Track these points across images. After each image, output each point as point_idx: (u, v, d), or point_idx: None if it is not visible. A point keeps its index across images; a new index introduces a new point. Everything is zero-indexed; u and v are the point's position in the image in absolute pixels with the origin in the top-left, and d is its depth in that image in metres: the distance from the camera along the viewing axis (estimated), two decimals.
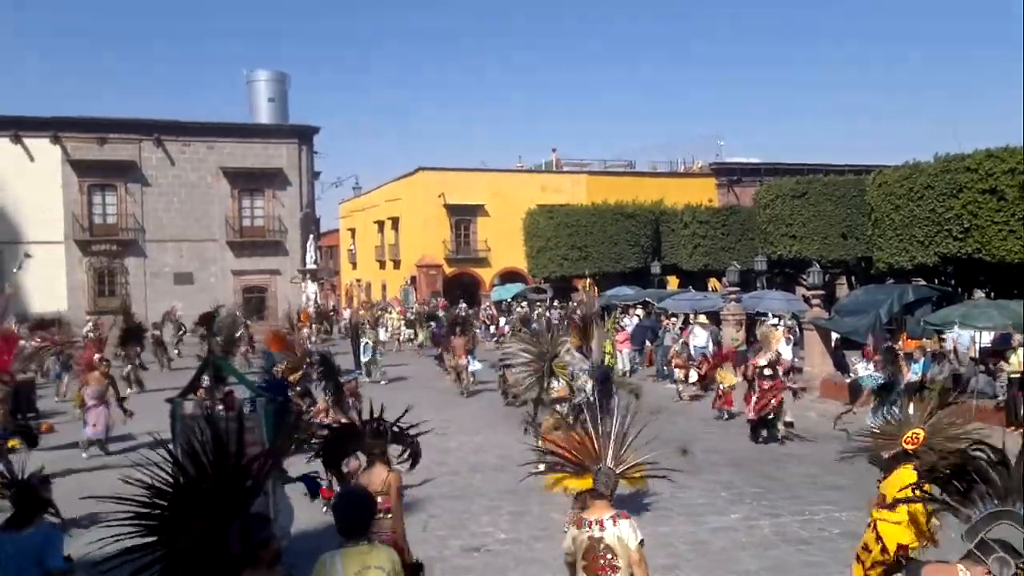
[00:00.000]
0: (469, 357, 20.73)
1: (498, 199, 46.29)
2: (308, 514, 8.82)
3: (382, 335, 29.18)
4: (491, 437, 15.00)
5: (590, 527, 4.97)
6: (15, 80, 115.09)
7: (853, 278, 34.11)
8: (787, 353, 20.57)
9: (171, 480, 4.01)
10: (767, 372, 14.35)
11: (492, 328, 34.11)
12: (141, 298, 36.91)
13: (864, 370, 16.00)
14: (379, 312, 33.91)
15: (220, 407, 6.68)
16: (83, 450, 13.86)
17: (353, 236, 60.10)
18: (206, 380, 7.44)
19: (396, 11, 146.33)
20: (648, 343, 25.03)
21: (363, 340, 23.03)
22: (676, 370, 19.59)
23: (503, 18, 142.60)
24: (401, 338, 33.64)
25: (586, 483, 5.54)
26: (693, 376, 18.78)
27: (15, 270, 19.11)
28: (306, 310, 32.29)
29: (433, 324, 28.54)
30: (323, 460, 7.16)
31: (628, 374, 22.43)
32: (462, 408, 18.44)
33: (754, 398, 14.35)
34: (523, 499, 10.76)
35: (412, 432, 6.88)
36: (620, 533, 4.90)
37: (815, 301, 21.20)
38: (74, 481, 11.40)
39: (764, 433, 14.31)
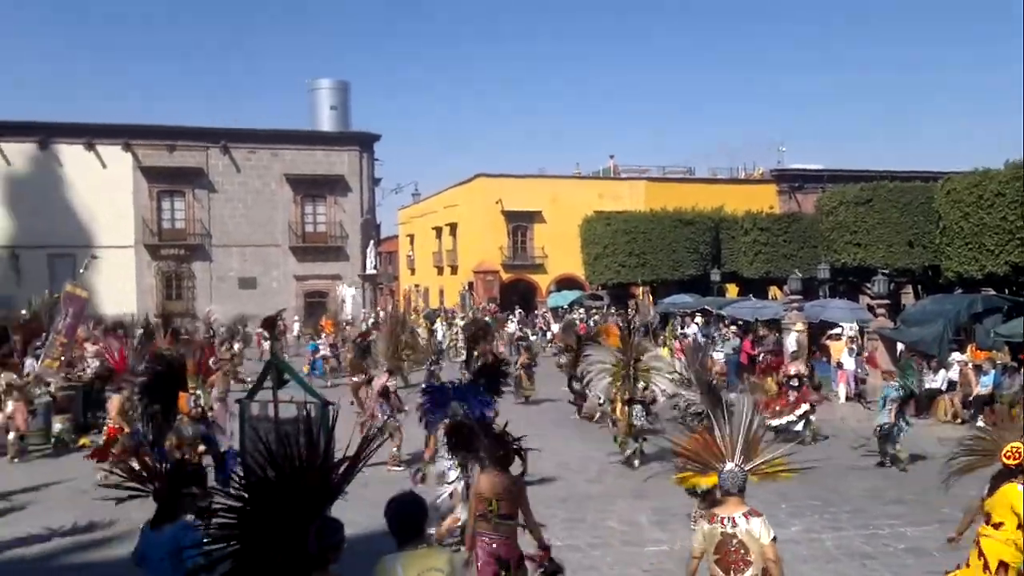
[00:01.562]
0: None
1: (555, 205, 46.28)
2: (367, 517, 8.95)
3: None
4: (546, 444, 14.96)
5: (722, 523, 5.15)
6: (89, 90, 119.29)
7: (920, 287, 33.29)
8: (850, 363, 20.23)
9: (250, 481, 4.14)
10: (794, 383, 14.55)
11: (548, 334, 34.12)
12: (207, 302, 37.86)
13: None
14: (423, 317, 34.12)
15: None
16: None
17: (412, 242, 60.69)
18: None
19: (455, 18, 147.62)
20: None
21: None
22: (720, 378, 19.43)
23: (561, 24, 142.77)
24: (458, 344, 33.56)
25: (711, 480, 5.65)
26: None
27: (81, 270, 19.89)
28: (329, 319, 32.01)
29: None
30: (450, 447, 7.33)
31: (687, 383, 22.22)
32: (518, 415, 18.45)
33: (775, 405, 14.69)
34: (578, 506, 10.76)
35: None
36: (752, 529, 5.09)
37: (880, 311, 20.77)
38: None
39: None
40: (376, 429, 11.20)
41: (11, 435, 14.19)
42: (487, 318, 32.75)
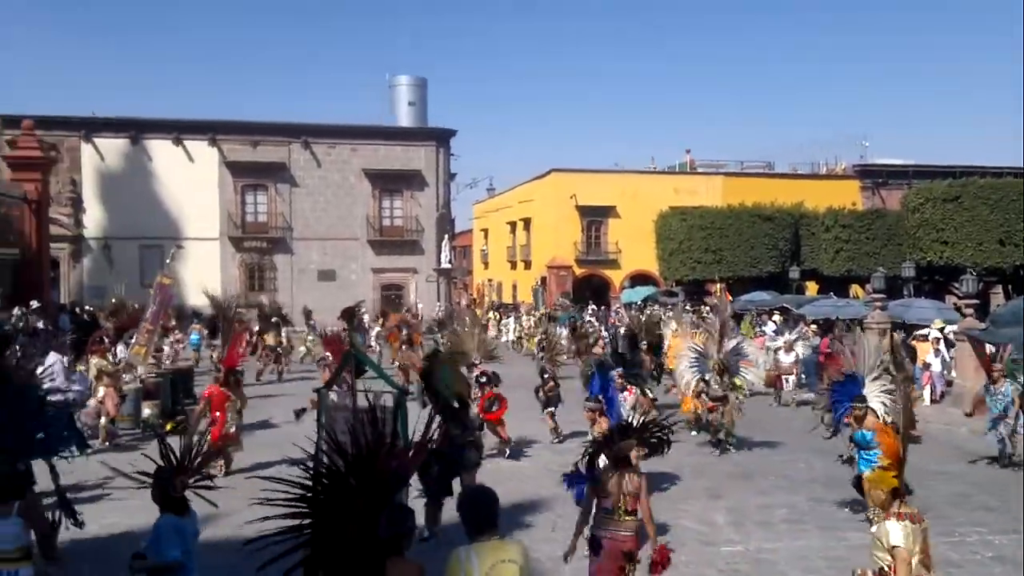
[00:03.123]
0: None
1: (630, 201, 45.97)
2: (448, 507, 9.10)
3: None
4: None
5: (919, 521, 5.21)
6: (178, 87, 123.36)
7: (1011, 287, 32.02)
8: (936, 365, 19.59)
9: (324, 467, 4.27)
10: None
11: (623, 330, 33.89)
12: (288, 293, 38.84)
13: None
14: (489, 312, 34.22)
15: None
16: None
17: (486, 236, 61.08)
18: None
19: (530, 14, 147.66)
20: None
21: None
22: (789, 377, 19.19)
23: (636, 20, 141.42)
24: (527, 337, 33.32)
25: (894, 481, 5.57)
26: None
27: (168, 260, 20.56)
28: (404, 314, 32.44)
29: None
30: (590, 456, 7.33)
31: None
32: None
33: None
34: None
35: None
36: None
37: (968, 310, 20.02)
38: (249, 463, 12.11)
39: None
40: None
41: (102, 420, 14.74)
42: (559, 313, 32.79)
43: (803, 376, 20.04)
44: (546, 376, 15.20)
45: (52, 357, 13.25)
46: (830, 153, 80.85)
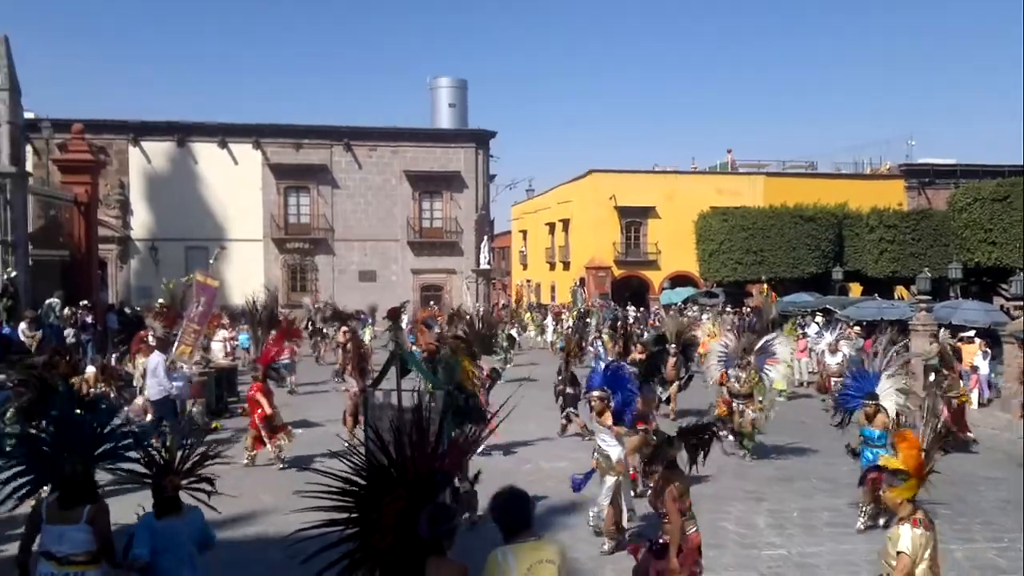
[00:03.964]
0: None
1: (670, 201, 45.73)
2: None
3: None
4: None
5: (931, 528, 5.21)
6: (222, 91, 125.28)
7: None
8: (984, 368, 19.22)
9: (368, 466, 4.34)
10: None
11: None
12: (328, 294, 39.27)
13: None
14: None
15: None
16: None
17: (524, 237, 61.16)
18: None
19: (569, 16, 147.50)
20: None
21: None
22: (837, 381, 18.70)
23: (676, 20, 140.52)
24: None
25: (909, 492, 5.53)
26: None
27: (211, 260, 20.94)
28: (430, 308, 32.73)
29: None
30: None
31: (805, 384, 21.68)
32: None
33: None
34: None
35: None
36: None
37: (1016, 312, 19.61)
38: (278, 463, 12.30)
39: None
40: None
41: (148, 417, 15.09)
42: (594, 311, 32.68)
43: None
44: (560, 376, 15.13)
45: (156, 357, 13.60)
46: (874, 152, 79.68)
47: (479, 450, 10.12)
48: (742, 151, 58.25)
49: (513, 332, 29.05)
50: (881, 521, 9.14)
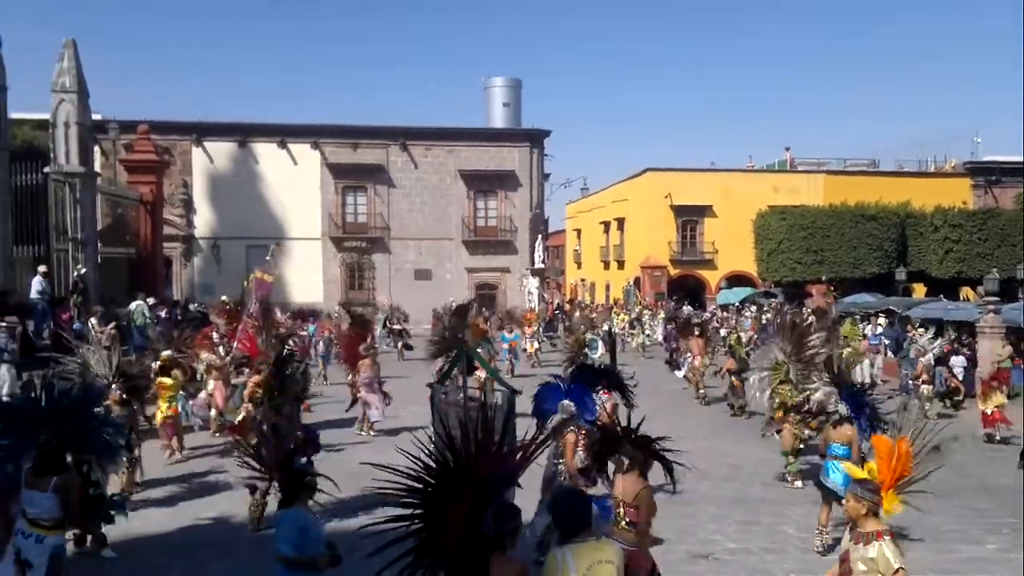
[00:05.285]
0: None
1: (727, 200, 45.18)
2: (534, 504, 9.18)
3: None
4: (719, 445, 14.73)
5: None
6: (282, 92, 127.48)
7: None
8: None
9: (436, 462, 4.40)
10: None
11: (724, 331, 33.28)
12: (385, 292, 39.69)
13: None
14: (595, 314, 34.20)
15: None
16: (359, 430, 15.17)
17: (579, 236, 61.02)
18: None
19: (623, 14, 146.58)
20: (892, 354, 23.49)
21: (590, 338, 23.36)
22: (924, 386, 18.14)
23: (732, 17, 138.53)
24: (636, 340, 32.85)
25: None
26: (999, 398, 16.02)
27: (267, 258, 21.22)
28: (531, 309, 33.12)
29: (670, 325, 28.14)
30: (593, 456, 7.34)
31: (871, 386, 21.22)
32: (692, 413, 18.22)
33: None
34: (751, 509, 10.54)
35: (668, 454, 6.66)
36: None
37: None
38: (344, 460, 12.47)
39: None
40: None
41: (212, 412, 15.42)
42: (647, 311, 32.47)
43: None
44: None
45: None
46: (938, 150, 77.60)
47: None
48: (800, 149, 57.36)
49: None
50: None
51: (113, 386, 10.28)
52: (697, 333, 20.94)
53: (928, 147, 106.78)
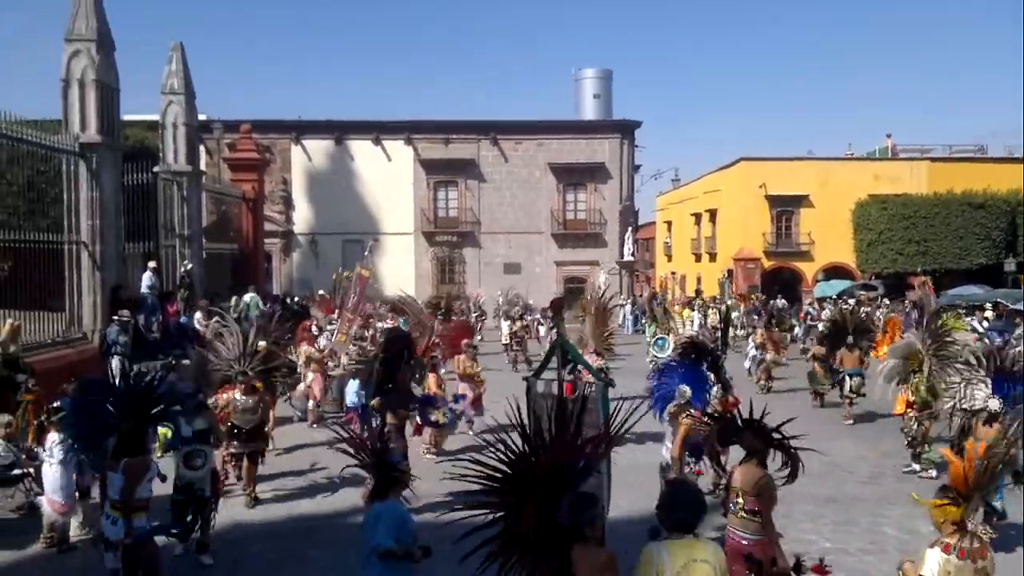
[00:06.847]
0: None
1: (824, 189, 43.85)
2: (627, 501, 9.24)
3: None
4: (813, 441, 14.35)
5: (977, 559, 4.92)
6: (376, 90, 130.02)
7: None
8: None
9: (517, 454, 4.50)
10: None
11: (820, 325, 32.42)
12: (475, 286, 40.18)
13: None
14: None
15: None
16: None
17: (669, 228, 60.23)
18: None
19: (714, 4, 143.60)
20: None
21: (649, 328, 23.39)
22: None
23: (832, 2, 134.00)
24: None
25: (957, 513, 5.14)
26: None
27: (366, 253, 21.83)
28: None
29: (756, 318, 27.70)
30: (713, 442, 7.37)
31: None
32: (784, 407, 17.80)
33: None
34: (847, 509, 10.34)
35: (793, 445, 6.52)
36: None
37: None
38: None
39: None
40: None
41: (310, 403, 15.94)
42: (740, 305, 31.80)
43: None
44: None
45: None
46: None
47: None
48: (902, 136, 55.18)
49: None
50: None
51: (244, 374, 10.44)
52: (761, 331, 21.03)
53: None
